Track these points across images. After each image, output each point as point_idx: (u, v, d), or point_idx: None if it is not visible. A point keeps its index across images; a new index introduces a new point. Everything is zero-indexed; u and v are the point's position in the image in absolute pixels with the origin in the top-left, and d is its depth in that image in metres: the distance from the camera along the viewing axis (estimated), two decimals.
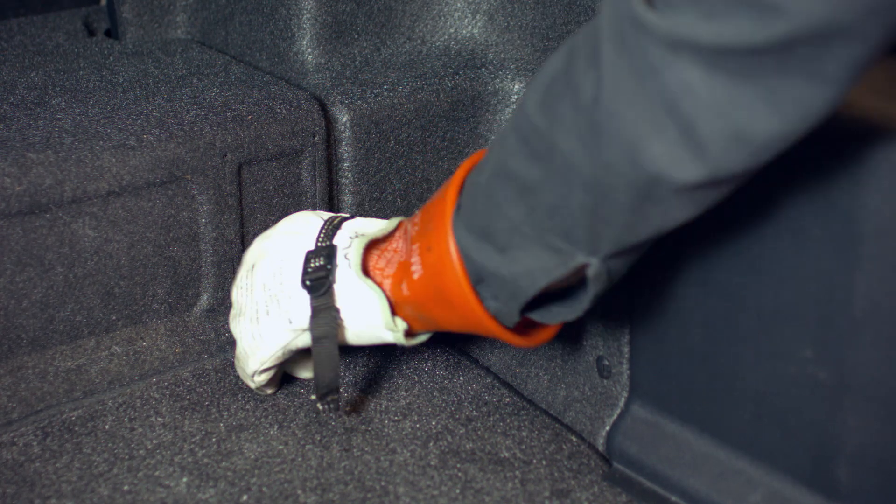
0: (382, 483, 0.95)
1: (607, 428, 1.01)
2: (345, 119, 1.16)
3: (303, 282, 0.96)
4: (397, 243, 0.96)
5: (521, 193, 0.82)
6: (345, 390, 1.07)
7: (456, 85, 1.21)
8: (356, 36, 1.26)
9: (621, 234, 0.79)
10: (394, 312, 0.95)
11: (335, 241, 0.98)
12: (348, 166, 1.18)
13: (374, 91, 1.19)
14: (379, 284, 0.95)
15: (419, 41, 1.29)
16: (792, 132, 0.70)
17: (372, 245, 0.97)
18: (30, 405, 1.02)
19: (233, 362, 1.10)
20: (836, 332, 0.83)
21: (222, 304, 1.13)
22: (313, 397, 0.98)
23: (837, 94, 0.68)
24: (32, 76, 1.20)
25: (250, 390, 1.06)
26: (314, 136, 1.14)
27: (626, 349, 0.99)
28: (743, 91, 0.68)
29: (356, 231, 0.98)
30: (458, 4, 1.27)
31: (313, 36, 1.23)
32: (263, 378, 1.02)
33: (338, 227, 0.99)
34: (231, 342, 1.12)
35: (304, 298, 0.97)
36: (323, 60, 1.24)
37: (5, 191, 0.99)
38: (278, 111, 1.13)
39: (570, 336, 1.05)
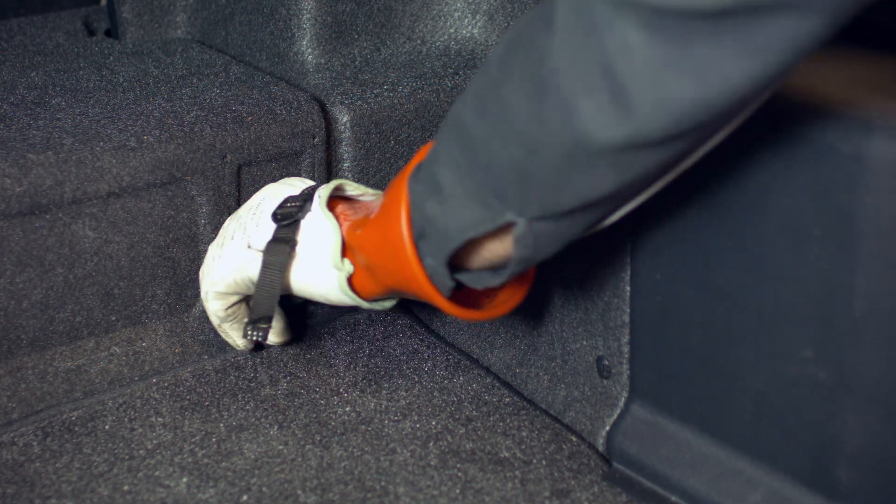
0: (382, 483, 0.95)
1: (607, 428, 1.01)
2: (345, 119, 1.16)
3: (274, 214, 1.02)
4: (372, 201, 1.00)
5: (465, 146, 0.83)
6: (345, 390, 1.07)
7: (456, 85, 1.21)
8: (356, 36, 1.26)
9: (547, 197, 0.80)
10: (344, 255, 0.98)
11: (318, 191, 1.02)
12: (348, 167, 1.18)
13: (374, 91, 1.19)
14: (339, 225, 0.99)
15: (419, 41, 1.29)
16: (713, 103, 0.70)
17: (349, 199, 1.02)
18: (30, 405, 1.03)
19: (233, 363, 1.10)
20: (836, 331, 0.83)
21: None
22: (245, 320, 1.05)
23: (764, 69, 0.68)
24: (32, 76, 1.20)
25: (251, 390, 1.06)
26: (314, 137, 1.14)
27: (626, 349, 0.99)
28: (675, 56, 0.68)
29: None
30: (458, 4, 1.27)
31: (313, 36, 1.23)
32: (217, 306, 1.05)
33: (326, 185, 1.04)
34: (230, 343, 1.12)
35: (270, 228, 1.02)
36: (323, 60, 1.24)
37: (5, 191, 0.99)
38: (278, 112, 1.13)
39: (570, 336, 1.05)
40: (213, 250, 1.05)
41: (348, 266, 0.98)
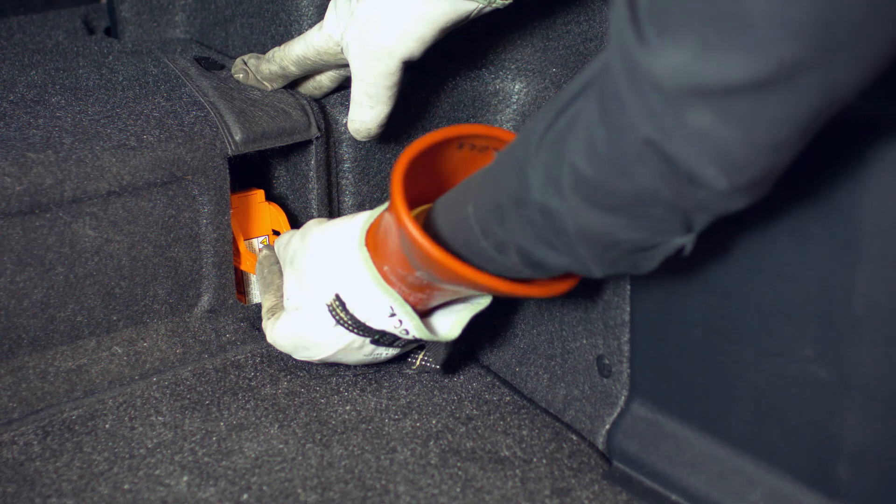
0: (383, 482, 0.95)
1: (607, 426, 1.01)
2: (345, 120, 1.16)
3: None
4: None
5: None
6: (345, 389, 1.07)
7: (456, 85, 1.21)
8: None
9: None
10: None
11: None
12: (348, 167, 1.18)
13: None
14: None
15: None
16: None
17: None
18: (30, 405, 1.02)
19: (234, 362, 1.10)
20: (836, 330, 0.83)
21: (223, 305, 1.13)
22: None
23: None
24: (32, 74, 1.20)
25: (251, 389, 1.06)
26: (314, 138, 1.14)
27: (626, 348, 1.00)
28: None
29: None
30: None
31: None
32: None
33: None
34: (230, 343, 1.12)
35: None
36: None
37: (5, 190, 0.99)
38: (279, 112, 1.13)
39: (570, 335, 1.05)
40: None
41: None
